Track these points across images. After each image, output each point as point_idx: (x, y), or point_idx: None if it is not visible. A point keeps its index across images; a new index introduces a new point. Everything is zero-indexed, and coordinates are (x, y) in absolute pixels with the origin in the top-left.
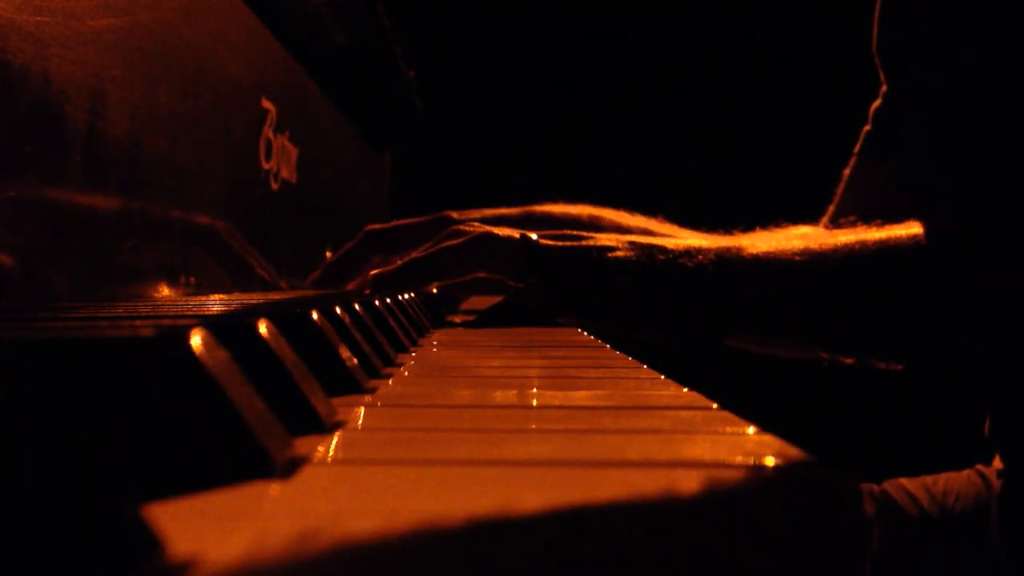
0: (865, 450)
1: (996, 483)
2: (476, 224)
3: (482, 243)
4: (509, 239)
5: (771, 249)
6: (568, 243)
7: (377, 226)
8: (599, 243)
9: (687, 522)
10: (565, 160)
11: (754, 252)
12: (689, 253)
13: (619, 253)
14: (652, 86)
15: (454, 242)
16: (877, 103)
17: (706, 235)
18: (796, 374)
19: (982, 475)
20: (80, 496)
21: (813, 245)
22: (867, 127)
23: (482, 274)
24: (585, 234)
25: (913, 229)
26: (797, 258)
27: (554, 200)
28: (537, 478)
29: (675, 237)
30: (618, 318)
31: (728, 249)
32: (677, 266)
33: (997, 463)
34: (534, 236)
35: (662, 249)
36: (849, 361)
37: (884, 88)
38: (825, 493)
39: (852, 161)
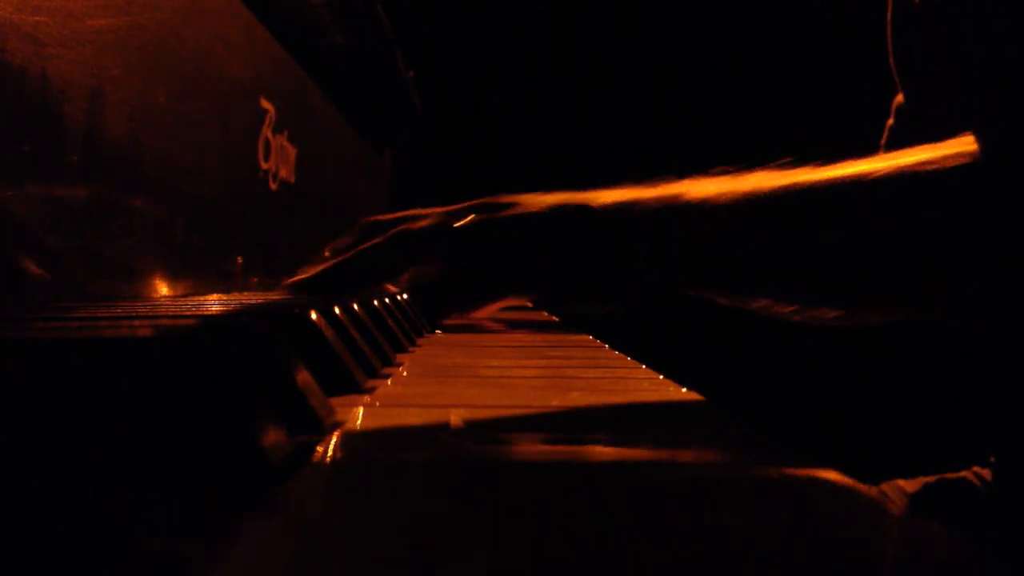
0: (863, 451)
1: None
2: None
3: (398, 241)
4: (424, 230)
5: (717, 192)
6: (487, 216)
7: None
8: (519, 211)
9: (684, 521)
10: (565, 159)
11: (697, 196)
12: (622, 206)
13: (541, 217)
14: (651, 86)
15: (371, 244)
16: (899, 98)
17: (646, 185)
18: (796, 374)
19: (979, 476)
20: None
21: (765, 185)
22: (890, 120)
23: (412, 273)
24: (506, 201)
25: (923, 154)
26: (745, 200)
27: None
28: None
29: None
30: (555, 287)
31: (666, 196)
32: (610, 221)
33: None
34: (451, 220)
35: (588, 207)
36: (795, 315)
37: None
38: (826, 495)
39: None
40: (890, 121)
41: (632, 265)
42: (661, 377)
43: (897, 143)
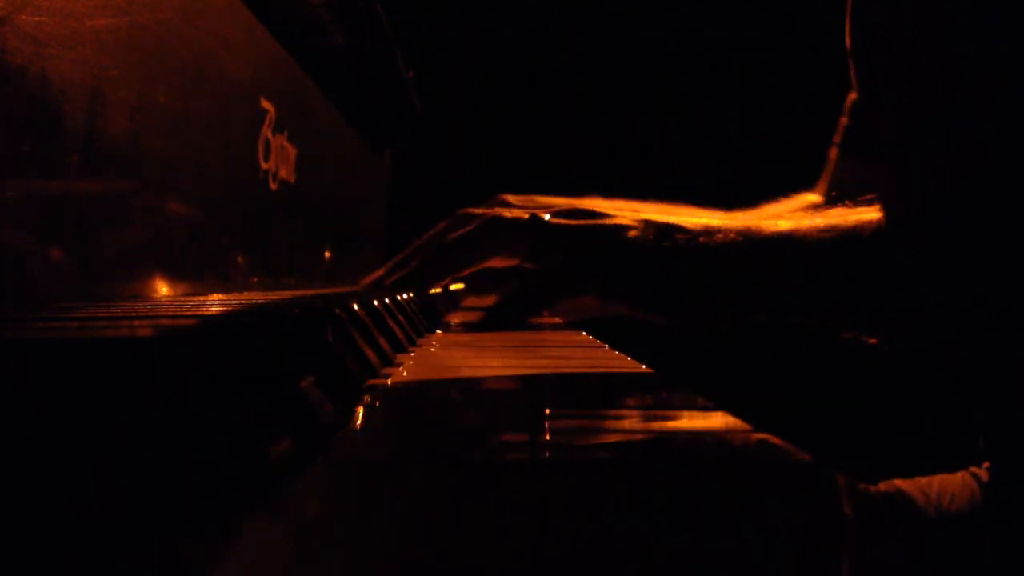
0: (861, 452)
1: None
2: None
3: (490, 227)
4: (518, 219)
5: (793, 227)
6: (580, 221)
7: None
8: (614, 221)
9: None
10: (565, 159)
11: (776, 230)
12: (709, 231)
13: (634, 233)
14: (651, 86)
15: (462, 231)
16: (853, 95)
17: (722, 213)
18: (797, 376)
19: (976, 477)
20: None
21: (836, 221)
22: (843, 119)
23: (497, 263)
24: (599, 210)
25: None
26: (822, 235)
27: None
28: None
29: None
30: (632, 299)
31: (748, 228)
32: (697, 245)
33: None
34: (546, 216)
35: (680, 228)
36: (873, 341)
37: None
38: (799, 481)
39: (833, 151)
40: (844, 120)
41: (710, 290)
42: (659, 376)
43: (848, 144)
